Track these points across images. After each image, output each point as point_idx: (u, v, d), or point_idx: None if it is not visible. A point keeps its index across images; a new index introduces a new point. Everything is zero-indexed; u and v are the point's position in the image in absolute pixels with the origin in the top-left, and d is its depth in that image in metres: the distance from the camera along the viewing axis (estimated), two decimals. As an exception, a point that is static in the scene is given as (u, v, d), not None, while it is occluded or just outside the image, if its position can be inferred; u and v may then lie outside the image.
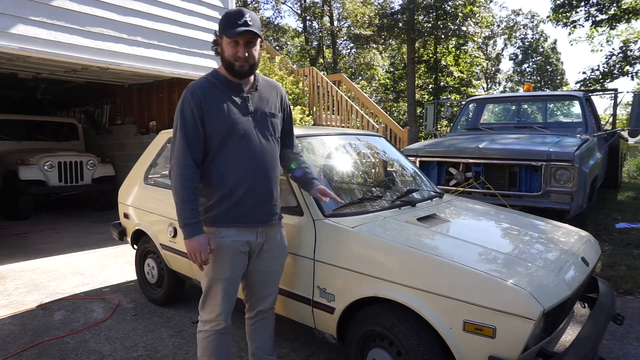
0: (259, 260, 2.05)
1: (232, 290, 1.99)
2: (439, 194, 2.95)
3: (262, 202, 1.96)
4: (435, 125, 6.98)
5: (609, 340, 2.77)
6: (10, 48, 4.35)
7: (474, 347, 1.70)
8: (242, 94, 1.94)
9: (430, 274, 1.82)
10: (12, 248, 5.17)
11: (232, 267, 1.95)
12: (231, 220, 1.92)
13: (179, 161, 1.85)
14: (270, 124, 2.00)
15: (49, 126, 8.38)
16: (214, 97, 1.88)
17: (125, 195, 3.67)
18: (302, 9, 22.92)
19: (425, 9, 15.50)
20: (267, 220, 2.00)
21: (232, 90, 1.93)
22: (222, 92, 1.91)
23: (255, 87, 1.99)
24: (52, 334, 2.94)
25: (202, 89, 1.88)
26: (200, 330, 2.03)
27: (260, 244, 2.01)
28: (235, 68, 1.87)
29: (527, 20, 36.26)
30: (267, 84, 2.07)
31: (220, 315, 1.97)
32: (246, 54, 1.85)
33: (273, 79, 2.29)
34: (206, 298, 1.99)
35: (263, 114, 1.98)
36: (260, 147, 1.94)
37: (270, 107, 2.01)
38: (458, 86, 18.22)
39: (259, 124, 1.95)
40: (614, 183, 7.45)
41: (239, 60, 1.86)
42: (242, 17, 1.81)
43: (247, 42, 1.85)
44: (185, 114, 1.86)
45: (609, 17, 13.59)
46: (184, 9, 5.88)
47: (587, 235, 2.57)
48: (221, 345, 2.01)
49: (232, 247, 1.93)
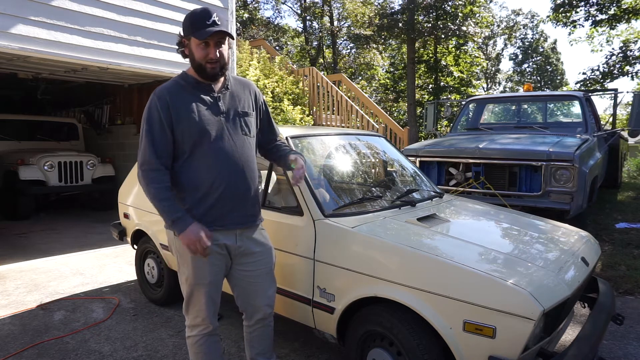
0: (245, 266, 1.98)
1: (216, 293, 1.95)
2: (439, 194, 2.95)
3: (240, 204, 1.90)
4: (435, 125, 6.98)
5: (609, 340, 2.77)
6: (10, 48, 4.35)
7: (474, 347, 1.70)
8: (212, 94, 1.89)
9: (430, 274, 1.82)
10: (12, 248, 5.17)
11: (212, 270, 1.90)
12: (207, 224, 1.84)
13: (146, 166, 1.80)
14: (244, 123, 1.94)
15: (49, 126, 8.38)
16: (183, 100, 1.83)
17: (125, 195, 3.67)
18: (302, 9, 22.91)
19: (425, 9, 15.49)
20: (245, 222, 1.94)
21: (202, 91, 1.87)
22: (192, 94, 1.85)
23: (227, 87, 1.94)
24: (52, 334, 2.94)
25: (169, 92, 1.83)
26: (188, 335, 2.00)
27: (240, 247, 1.94)
28: (207, 71, 1.82)
29: (527, 20, 36.27)
30: (239, 83, 2.02)
31: (206, 318, 1.93)
32: (217, 55, 1.80)
33: (245, 78, 2.23)
34: (189, 304, 1.95)
35: (236, 113, 1.92)
36: (234, 148, 1.88)
37: (243, 106, 1.96)
38: (458, 86, 18.20)
39: (232, 124, 1.90)
40: (614, 183, 7.45)
41: (210, 62, 1.80)
42: (210, 16, 1.75)
43: (217, 42, 1.80)
44: (152, 118, 1.81)
45: (608, 17, 13.59)
46: (184, 9, 5.87)
47: (587, 235, 2.57)
48: (212, 347, 1.99)
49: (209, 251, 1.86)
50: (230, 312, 3.09)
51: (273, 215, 2.40)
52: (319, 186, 2.43)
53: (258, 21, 22.34)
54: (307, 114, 9.39)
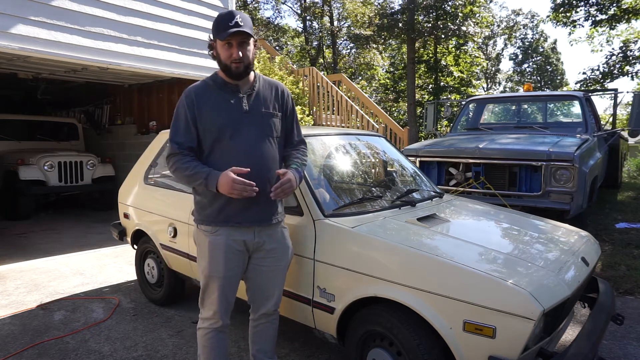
0: (262, 261, 2.03)
1: (229, 289, 1.99)
2: (439, 194, 2.95)
3: (256, 202, 1.92)
4: (435, 125, 6.98)
5: (609, 340, 2.77)
6: (10, 48, 4.35)
7: (474, 347, 1.70)
8: (237, 95, 1.96)
9: (430, 274, 1.82)
10: (12, 248, 5.17)
11: (227, 265, 1.95)
12: (223, 220, 1.93)
13: (170, 155, 1.94)
14: (267, 124, 1.99)
15: (49, 126, 8.38)
16: (207, 98, 1.94)
17: (125, 195, 3.67)
18: (302, 9, 22.91)
19: (425, 9, 15.48)
20: (262, 220, 1.98)
21: (227, 91, 1.96)
22: (217, 93, 1.95)
23: (253, 87, 2.00)
24: (52, 334, 2.94)
25: (196, 91, 1.95)
26: (199, 327, 2.06)
27: (258, 243, 1.99)
28: (232, 70, 1.90)
29: (527, 20, 36.26)
30: (267, 84, 2.07)
31: (217, 313, 1.99)
32: (240, 54, 1.87)
33: (276, 80, 2.28)
34: (204, 295, 2.02)
35: (259, 113, 1.98)
36: (254, 147, 1.93)
37: (268, 106, 2.01)
38: (458, 86, 18.20)
39: (255, 123, 1.96)
40: (614, 183, 7.45)
41: (234, 62, 1.88)
42: (233, 18, 1.83)
43: (240, 42, 1.87)
44: (179, 116, 1.95)
45: (608, 17, 13.58)
46: (184, 9, 5.88)
47: (587, 235, 2.57)
48: (219, 344, 2.03)
49: (227, 245, 1.93)
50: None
51: (273, 215, 2.40)
52: (319, 186, 2.43)
53: (258, 21, 22.35)
54: (307, 114, 9.39)
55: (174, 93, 8.00)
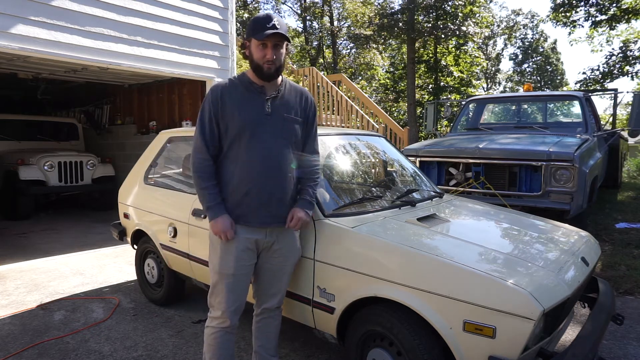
0: (270, 259, 2.08)
1: (238, 288, 2.01)
2: (439, 194, 2.95)
3: (267, 205, 1.97)
4: (435, 125, 6.98)
5: (609, 340, 2.77)
6: (10, 48, 4.35)
7: (474, 347, 1.70)
8: (262, 96, 1.98)
9: (430, 274, 1.82)
10: (12, 248, 5.17)
11: (238, 263, 1.98)
12: (235, 218, 1.98)
13: (195, 154, 1.99)
14: (288, 129, 2.01)
15: (49, 126, 8.38)
16: (231, 97, 1.97)
17: (125, 195, 3.67)
18: (302, 9, 22.92)
19: (425, 9, 15.49)
20: (272, 222, 2.01)
21: (252, 91, 1.99)
22: (242, 93, 1.98)
23: (279, 91, 2.02)
24: (52, 334, 2.94)
25: (222, 89, 1.98)
26: (207, 325, 2.09)
27: (269, 242, 2.04)
28: (264, 70, 1.93)
29: (527, 20, 36.27)
30: (293, 89, 2.10)
31: (225, 312, 2.00)
32: (274, 56, 1.90)
33: (302, 86, 2.30)
34: (213, 293, 2.05)
35: (281, 117, 2.00)
36: (271, 150, 1.96)
37: (290, 111, 2.03)
38: (458, 86, 18.20)
39: (275, 127, 1.98)
40: (614, 183, 7.45)
41: (267, 63, 1.91)
42: (270, 20, 1.87)
43: (275, 44, 1.91)
44: (204, 111, 1.99)
45: (608, 18, 13.58)
46: (184, 9, 5.88)
47: (587, 235, 2.57)
48: (225, 344, 2.04)
49: (239, 242, 1.97)
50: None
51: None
52: (319, 186, 2.43)
53: (258, 21, 22.29)
54: (307, 114, 9.38)
55: (174, 93, 8.01)
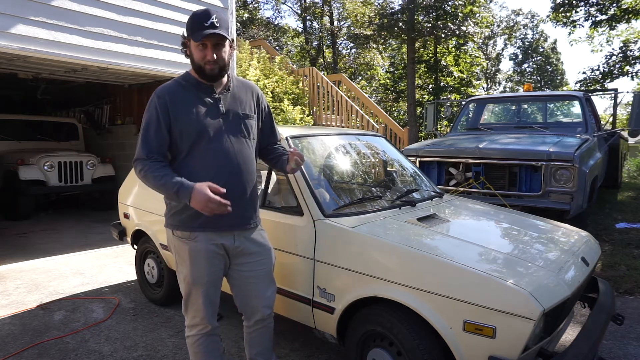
0: (243, 266, 1.97)
1: (214, 292, 1.94)
2: (439, 194, 2.95)
3: (234, 206, 1.79)
4: (435, 125, 6.98)
5: (609, 340, 2.77)
6: (10, 48, 4.35)
7: (474, 347, 1.70)
8: (213, 95, 1.89)
9: (430, 274, 1.82)
10: (12, 248, 5.17)
11: (210, 270, 1.90)
12: (200, 225, 1.85)
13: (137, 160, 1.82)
14: (244, 126, 1.94)
15: (49, 126, 8.37)
16: (182, 99, 1.84)
17: (125, 195, 3.67)
18: (302, 9, 22.91)
19: (425, 9, 15.48)
20: (240, 224, 1.92)
21: (202, 91, 1.88)
22: (192, 94, 1.86)
23: (228, 88, 1.94)
24: (52, 334, 2.94)
25: (169, 92, 1.85)
26: (187, 335, 2.00)
27: (238, 248, 1.94)
28: (206, 72, 1.83)
29: (527, 20, 36.25)
30: (242, 85, 2.02)
31: (205, 318, 1.93)
32: (215, 57, 1.80)
33: (248, 80, 2.24)
34: (187, 303, 1.95)
35: (236, 115, 1.92)
36: (232, 150, 1.88)
37: (244, 108, 1.96)
38: (458, 86, 18.19)
39: (231, 125, 1.90)
40: (614, 183, 7.45)
41: (208, 64, 1.81)
42: (209, 18, 1.75)
43: (216, 44, 1.80)
44: (150, 117, 1.83)
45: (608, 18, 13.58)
46: (184, 9, 5.87)
47: (587, 235, 2.57)
48: (211, 347, 1.99)
49: (207, 250, 1.87)
50: (230, 312, 3.08)
51: (273, 215, 2.40)
52: (319, 186, 2.43)
53: (258, 21, 22.35)
54: (307, 114, 9.39)
55: (174, 93, 7.97)
